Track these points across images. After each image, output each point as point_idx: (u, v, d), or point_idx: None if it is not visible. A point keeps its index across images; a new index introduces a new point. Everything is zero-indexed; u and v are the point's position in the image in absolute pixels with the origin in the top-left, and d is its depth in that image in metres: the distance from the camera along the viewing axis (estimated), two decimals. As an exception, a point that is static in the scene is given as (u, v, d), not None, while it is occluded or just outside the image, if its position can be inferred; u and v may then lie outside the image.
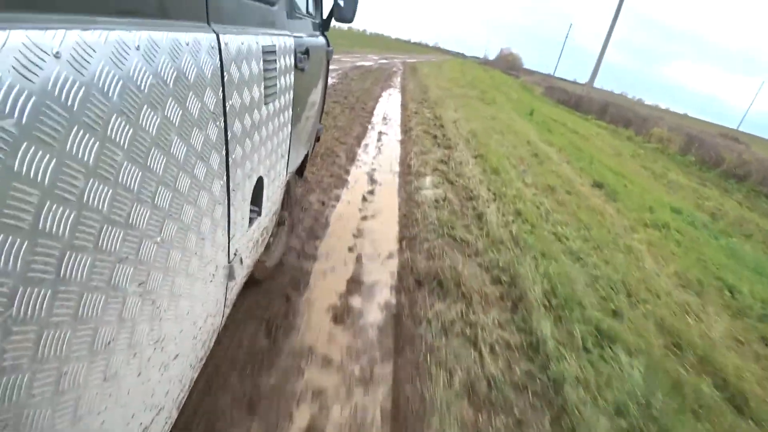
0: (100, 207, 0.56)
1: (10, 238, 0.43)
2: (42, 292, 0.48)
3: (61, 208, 0.49)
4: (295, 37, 1.56)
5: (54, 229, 0.49)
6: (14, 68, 0.41)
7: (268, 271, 2.14)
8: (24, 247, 0.45)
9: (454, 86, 16.16)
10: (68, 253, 0.51)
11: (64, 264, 0.51)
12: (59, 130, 0.47)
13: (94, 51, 0.51)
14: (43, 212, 0.47)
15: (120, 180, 0.60)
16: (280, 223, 2.26)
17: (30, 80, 0.43)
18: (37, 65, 0.44)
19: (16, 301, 0.45)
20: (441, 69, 27.54)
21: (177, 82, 0.71)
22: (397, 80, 14.65)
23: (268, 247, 1.99)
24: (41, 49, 0.44)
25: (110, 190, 0.58)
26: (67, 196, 0.50)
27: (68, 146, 0.49)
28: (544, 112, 15.79)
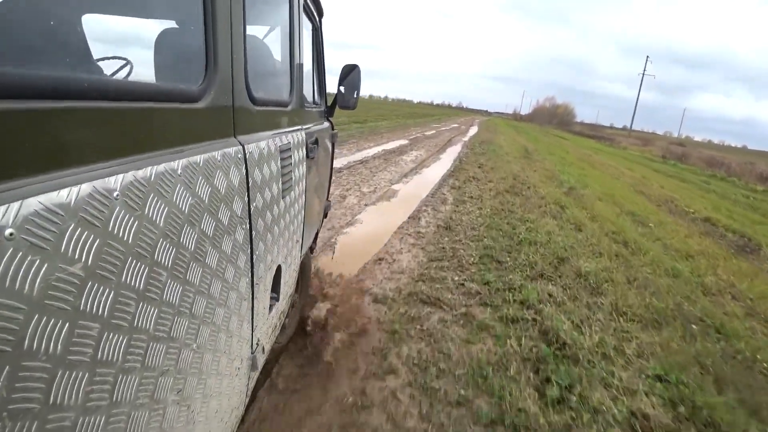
0: (147, 327, 0.59)
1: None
2: (95, 416, 0.50)
3: (117, 336, 0.52)
4: (305, 130, 1.66)
5: (108, 356, 0.51)
6: (83, 217, 0.46)
7: (281, 348, 2.16)
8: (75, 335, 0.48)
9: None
10: (120, 377, 0.54)
11: (117, 387, 0.53)
12: (117, 264, 0.52)
13: (145, 186, 0.57)
14: (102, 341, 0.50)
15: (164, 298, 0.63)
16: (292, 305, 2.28)
17: (94, 224, 0.48)
18: (101, 210, 0.49)
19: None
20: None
21: (212, 196, 0.77)
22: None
23: (282, 327, 1.99)
24: (105, 194, 0.50)
25: (155, 310, 0.61)
26: (120, 323, 0.53)
27: (123, 277, 0.53)
28: None
